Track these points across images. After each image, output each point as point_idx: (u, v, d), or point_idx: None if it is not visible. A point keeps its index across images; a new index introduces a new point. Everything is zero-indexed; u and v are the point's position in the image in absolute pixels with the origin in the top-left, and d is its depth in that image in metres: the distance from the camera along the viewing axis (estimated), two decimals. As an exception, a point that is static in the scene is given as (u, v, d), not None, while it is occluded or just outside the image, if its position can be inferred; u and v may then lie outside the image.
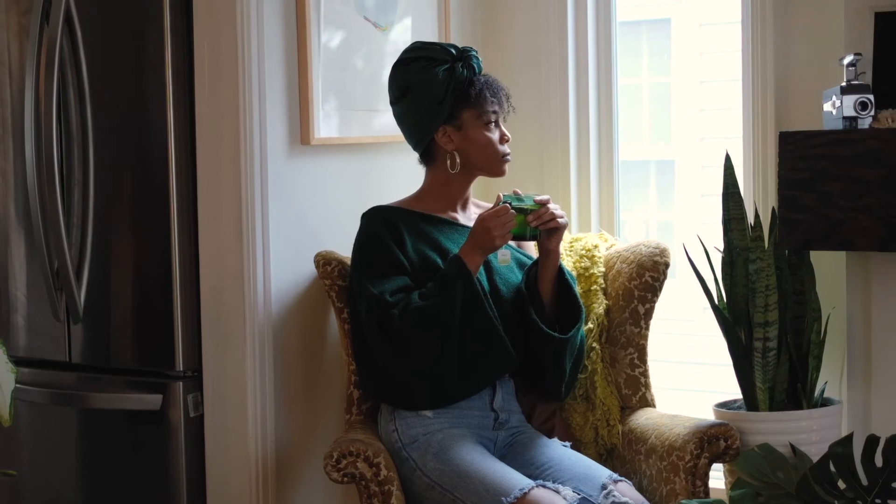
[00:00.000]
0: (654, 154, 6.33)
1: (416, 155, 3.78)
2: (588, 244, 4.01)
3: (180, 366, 3.92)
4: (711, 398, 3.92)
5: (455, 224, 3.74)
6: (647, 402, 3.90)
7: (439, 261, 3.63)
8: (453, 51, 3.68)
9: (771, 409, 3.72)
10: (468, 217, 3.77)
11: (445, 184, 3.75)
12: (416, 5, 4.24)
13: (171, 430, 3.93)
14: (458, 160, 3.70)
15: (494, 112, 3.68)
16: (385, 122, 4.11)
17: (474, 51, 3.72)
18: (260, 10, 3.79)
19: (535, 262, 3.70)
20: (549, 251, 3.64)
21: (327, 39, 3.98)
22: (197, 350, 3.93)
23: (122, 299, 4.05)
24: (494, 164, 3.71)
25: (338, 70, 4.02)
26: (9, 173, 4.21)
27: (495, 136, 3.69)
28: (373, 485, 3.49)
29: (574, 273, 3.88)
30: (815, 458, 3.50)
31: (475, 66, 3.69)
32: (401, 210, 3.72)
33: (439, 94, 3.66)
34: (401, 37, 4.19)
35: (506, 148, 3.71)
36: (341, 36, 4.04)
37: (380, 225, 3.66)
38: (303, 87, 3.92)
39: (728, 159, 3.76)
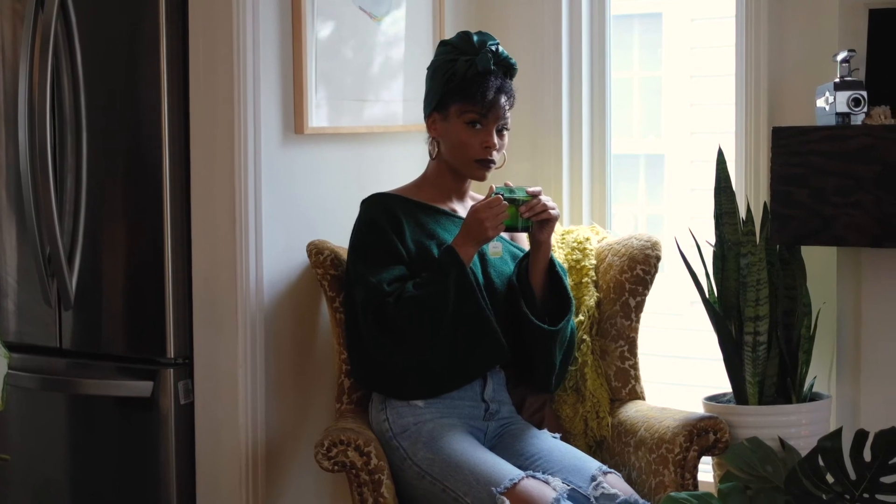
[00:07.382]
0: (644, 148, 6.34)
1: (410, 145, 3.80)
2: (580, 237, 4.01)
3: (171, 353, 3.91)
4: (701, 392, 3.93)
5: (453, 216, 3.74)
6: (636, 395, 3.91)
7: (436, 252, 3.63)
8: (476, 43, 3.67)
9: (760, 402, 3.73)
10: (466, 209, 3.75)
11: (440, 174, 3.75)
12: (411, -4, 4.24)
13: (161, 416, 3.92)
14: (436, 148, 3.71)
15: (474, 113, 3.64)
16: (376, 112, 4.11)
17: (491, 51, 3.66)
18: (255, -1, 3.80)
19: (527, 255, 3.70)
20: (541, 243, 3.64)
21: (321, 29, 3.98)
22: (188, 337, 3.93)
23: (113, 286, 4.05)
24: (464, 165, 3.69)
25: (331, 60, 4.01)
26: (1, 159, 4.20)
27: (475, 137, 3.66)
28: (363, 473, 3.49)
29: (565, 265, 3.89)
30: (803, 452, 3.51)
31: (478, 64, 3.64)
32: (400, 198, 3.72)
33: (437, 81, 3.68)
34: (394, 27, 4.18)
35: (487, 154, 3.65)
36: (335, 26, 4.03)
37: (379, 213, 3.66)
38: (297, 76, 3.91)
39: (721, 154, 3.77)
